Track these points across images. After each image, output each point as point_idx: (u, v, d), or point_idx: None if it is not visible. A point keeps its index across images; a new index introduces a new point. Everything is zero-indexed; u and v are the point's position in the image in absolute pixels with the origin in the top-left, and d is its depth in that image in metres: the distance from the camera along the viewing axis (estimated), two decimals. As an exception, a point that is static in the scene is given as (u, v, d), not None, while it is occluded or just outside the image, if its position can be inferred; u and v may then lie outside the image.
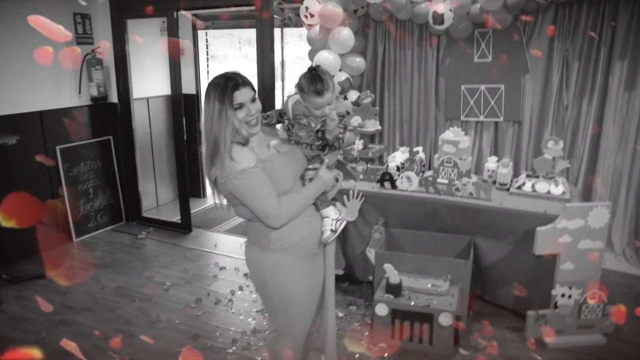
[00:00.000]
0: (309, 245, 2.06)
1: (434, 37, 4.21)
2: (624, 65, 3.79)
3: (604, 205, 2.88)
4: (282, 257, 1.99)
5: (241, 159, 1.84)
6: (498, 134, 4.24)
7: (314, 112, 1.97)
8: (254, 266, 2.07)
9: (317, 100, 1.92)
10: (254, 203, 1.87)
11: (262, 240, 2.00)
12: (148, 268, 4.21)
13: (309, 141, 2.03)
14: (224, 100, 1.81)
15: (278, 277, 2.00)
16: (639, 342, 3.08)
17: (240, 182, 1.83)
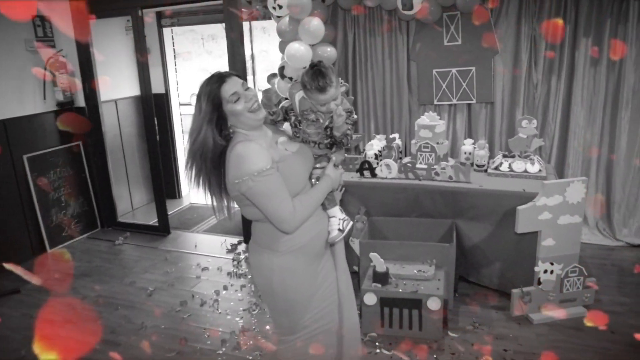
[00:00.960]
0: (317, 246, 1.99)
1: (403, 22, 4.21)
2: (588, 42, 3.87)
3: (580, 180, 2.94)
4: (290, 259, 1.91)
5: (257, 159, 1.73)
6: (471, 116, 4.29)
7: (318, 108, 1.92)
8: (261, 269, 1.97)
9: (320, 97, 1.86)
10: (268, 207, 1.78)
11: (270, 242, 1.91)
12: (129, 274, 4.13)
13: (317, 139, 1.96)
14: (213, 97, 1.75)
15: (286, 280, 1.92)
16: (617, 310, 3.17)
17: (256, 184, 1.73)
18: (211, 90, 1.75)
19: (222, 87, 1.75)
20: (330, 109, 1.90)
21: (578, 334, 2.94)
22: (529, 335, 2.96)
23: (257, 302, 3.53)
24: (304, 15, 3.80)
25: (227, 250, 4.49)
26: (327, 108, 1.90)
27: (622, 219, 4.12)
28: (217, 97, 1.75)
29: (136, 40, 4.56)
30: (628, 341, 2.85)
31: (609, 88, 3.93)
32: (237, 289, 3.75)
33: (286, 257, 1.91)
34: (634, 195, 4.05)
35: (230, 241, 4.65)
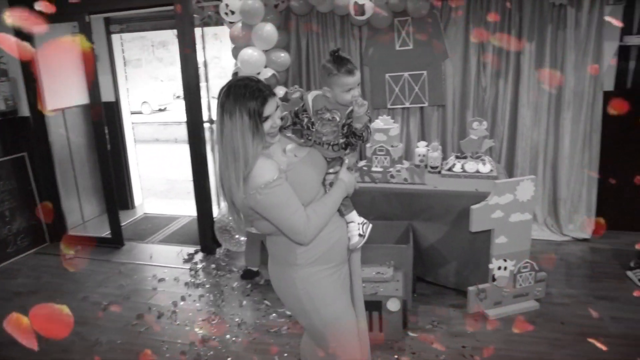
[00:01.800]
0: (338, 254, 1.90)
1: (355, 27, 4.26)
2: (532, 46, 4.03)
3: (530, 179, 3.05)
4: (312, 271, 1.83)
5: (263, 171, 1.68)
6: (424, 119, 4.38)
7: (343, 97, 1.85)
8: (283, 286, 1.88)
9: (349, 79, 1.82)
10: (280, 219, 1.72)
11: (287, 255, 1.83)
12: (81, 289, 3.98)
13: (332, 138, 1.90)
14: (254, 114, 1.66)
15: (312, 295, 1.83)
16: (566, 302, 3.31)
17: (263, 197, 1.67)
18: (256, 106, 1.66)
19: (264, 107, 1.68)
20: (354, 96, 1.84)
21: (531, 327, 3.04)
22: (485, 331, 3.04)
23: (216, 311, 3.47)
24: (257, 21, 3.80)
25: (184, 260, 4.40)
26: (352, 95, 1.84)
27: (567, 215, 4.30)
28: (261, 114, 1.67)
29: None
30: (577, 331, 2.98)
31: (552, 90, 4.10)
32: (195, 299, 3.68)
33: (307, 269, 1.83)
34: (577, 192, 4.24)
35: (187, 251, 4.56)
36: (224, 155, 1.70)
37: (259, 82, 1.72)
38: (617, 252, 3.98)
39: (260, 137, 1.68)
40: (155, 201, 6.58)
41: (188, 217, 5.47)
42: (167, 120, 14.28)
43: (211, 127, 4.75)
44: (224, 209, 4.26)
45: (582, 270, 3.76)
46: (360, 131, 1.87)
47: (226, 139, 1.68)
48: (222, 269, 4.15)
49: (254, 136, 1.66)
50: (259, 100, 1.67)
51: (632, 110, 4.03)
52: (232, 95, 1.68)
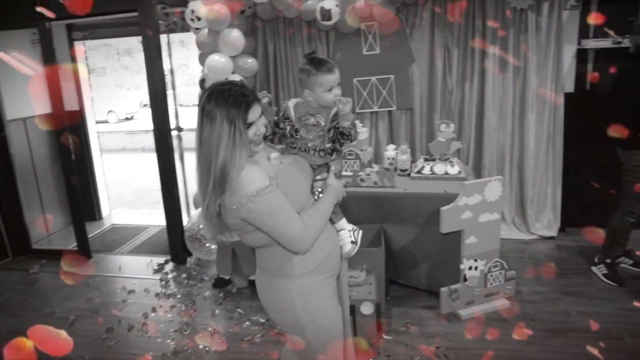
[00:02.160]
0: (333, 263, 1.85)
1: (322, 32, 4.28)
2: (495, 49, 4.11)
3: (497, 179, 3.11)
4: (308, 282, 1.76)
5: (253, 178, 1.59)
6: (393, 123, 4.43)
7: (325, 97, 1.83)
8: (278, 299, 1.78)
9: (330, 77, 1.81)
10: (276, 227, 1.63)
11: (282, 266, 1.74)
12: (46, 304, 3.85)
13: (319, 143, 1.87)
14: (237, 121, 1.57)
15: (309, 306, 1.76)
16: (536, 299, 3.38)
17: (257, 205, 1.58)
18: (240, 112, 1.58)
19: (248, 113, 1.60)
20: (336, 95, 1.84)
21: (502, 325, 3.09)
22: (458, 331, 3.07)
23: (188, 321, 3.41)
24: (223, 27, 3.77)
25: (154, 270, 4.32)
26: (334, 94, 1.84)
27: (534, 214, 4.40)
28: (245, 121, 1.59)
29: (44, 54, 4.30)
30: (547, 327, 3.04)
31: (516, 92, 4.20)
32: (166, 310, 3.61)
33: (303, 280, 1.75)
34: (543, 191, 4.34)
35: (157, 261, 4.48)
36: (200, 163, 1.62)
37: (243, 86, 1.66)
38: (582, 249, 4.09)
39: (244, 145, 1.59)
40: (123, 211, 6.45)
41: (157, 227, 5.37)
42: (134, 129, 14.04)
43: (179, 135, 4.69)
44: (194, 217, 4.20)
45: (550, 267, 3.85)
46: (348, 129, 1.86)
47: (203, 146, 1.59)
48: (193, 278, 4.09)
49: (236, 144, 1.57)
50: (243, 105, 1.59)
51: (591, 110, 4.20)
52: (213, 100, 1.58)
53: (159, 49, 4.07)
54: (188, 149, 5.03)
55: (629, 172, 3.31)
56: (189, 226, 4.25)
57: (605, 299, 3.32)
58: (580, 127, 4.24)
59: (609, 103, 3.96)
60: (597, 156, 4.21)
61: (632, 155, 3.26)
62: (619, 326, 3.00)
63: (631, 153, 3.26)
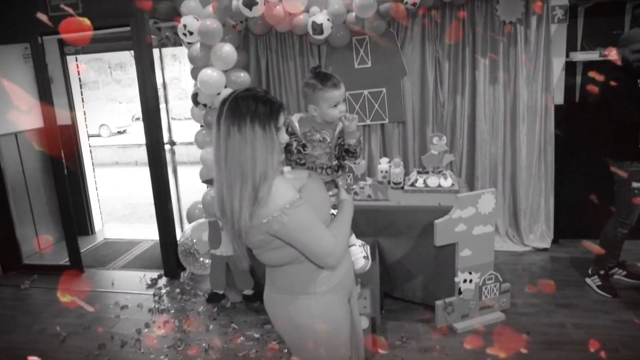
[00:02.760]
0: (349, 279, 1.81)
1: (314, 46, 4.30)
2: (486, 62, 4.15)
3: (490, 191, 3.12)
4: (330, 300, 1.70)
5: (284, 191, 1.53)
6: (385, 136, 4.44)
7: (330, 113, 1.82)
8: (298, 317, 1.69)
9: (335, 93, 1.81)
10: (309, 241, 1.56)
11: (305, 285, 1.67)
12: (37, 320, 3.81)
13: (326, 160, 1.85)
14: (269, 125, 1.51)
15: (329, 323, 1.70)
16: (531, 312, 3.38)
17: (290, 218, 1.51)
18: (272, 116, 1.53)
19: (279, 116, 1.56)
20: (341, 111, 1.83)
21: (498, 338, 3.08)
22: (454, 345, 3.06)
23: (182, 337, 3.38)
24: (215, 42, 3.78)
25: (147, 285, 4.29)
26: (339, 110, 1.83)
27: (528, 226, 4.41)
28: (277, 126, 1.55)
29: (37, 69, 4.30)
30: (542, 339, 3.03)
31: (507, 104, 4.23)
32: (159, 326, 3.57)
33: (326, 297, 1.69)
34: (536, 202, 4.36)
35: (150, 276, 4.45)
36: (228, 175, 1.51)
37: (267, 93, 1.61)
38: (575, 261, 4.10)
39: (277, 150, 1.54)
40: (116, 226, 6.41)
41: (150, 241, 5.34)
42: (126, 143, 14.00)
43: (172, 148, 4.69)
44: (188, 231, 4.18)
45: (544, 279, 3.85)
46: (354, 147, 1.86)
47: (231, 155, 1.50)
48: (187, 293, 4.06)
49: (269, 148, 1.51)
50: (274, 109, 1.55)
51: (581, 121, 4.24)
52: (240, 107, 1.52)
53: (152, 63, 4.08)
54: (181, 162, 5.04)
55: (621, 183, 3.33)
56: (182, 240, 4.22)
57: (600, 310, 3.33)
58: (571, 138, 4.28)
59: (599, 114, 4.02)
60: (588, 167, 4.25)
61: (623, 167, 3.28)
62: (614, 338, 3.01)
63: (622, 164, 3.29)
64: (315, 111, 1.87)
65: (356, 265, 1.88)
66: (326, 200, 1.76)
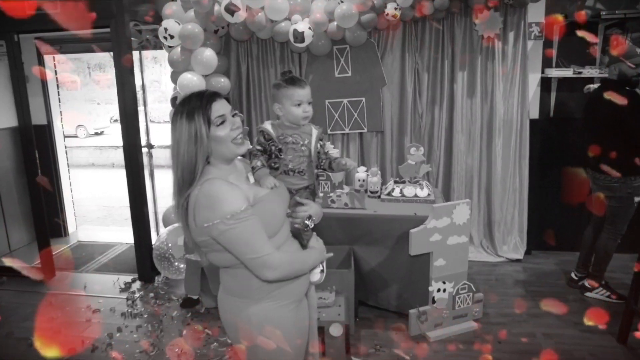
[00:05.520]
0: (298, 290, 1.76)
1: (295, 54, 4.32)
2: (464, 75, 4.23)
3: (465, 202, 3.17)
4: (270, 306, 1.67)
5: (231, 199, 1.53)
6: (364, 145, 4.48)
7: (294, 112, 1.88)
8: (237, 320, 1.69)
9: (300, 91, 1.87)
10: (245, 252, 1.56)
11: (244, 289, 1.66)
12: (4, 324, 3.70)
13: (297, 164, 1.88)
14: (197, 116, 1.53)
15: (268, 331, 1.67)
16: (503, 321, 3.43)
17: (229, 229, 1.51)
18: (201, 107, 1.55)
19: (212, 105, 1.56)
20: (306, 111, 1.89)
21: (469, 347, 3.12)
22: (426, 353, 3.09)
23: (154, 342, 3.34)
24: (196, 46, 3.78)
25: (121, 289, 4.23)
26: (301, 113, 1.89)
27: (501, 237, 4.49)
28: (206, 116, 1.54)
29: (12, 67, 4.23)
30: (513, 349, 3.08)
31: (484, 118, 4.31)
32: (132, 330, 3.53)
33: (264, 304, 1.67)
34: (510, 214, 4.44)
35: (124, 279, 4.39)
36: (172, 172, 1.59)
37: (207, 89, 1.63)
38: (547, 272, 4.18)
39: (203, 141, 1.54)
40: (90, 228, 6.31)
41: (125, 245, 5.27)
42: (103, 145, 13.81)
43: (149, 152, 4.65)
44: (163, 235, 4.15)
45: (517, 290, 3.92)
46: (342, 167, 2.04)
47: (171, 151, 1.57)
48: (161, 298, 4.02)
49: (193, 139, 1.53)
50: (204, 99, 1.56)
51: (555, 135, 4.35)
52: (177, 106, 1.59)
53: (131, 65, 4.04)
54: (158, 166, 4.99)
55: (621, 199, 3.44)
56: (157, 244, 4.18)
57: (569, 321, 3.39)
58: (545, 152, 4.38)
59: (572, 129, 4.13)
60: (561, 180, 4.35)
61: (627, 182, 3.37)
62: (581, 347, 3.07)
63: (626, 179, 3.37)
64: (280, 110, 1.92)
65: (312, 278, 1.84)
66: (280, 216, 1.73)
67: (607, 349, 3.06)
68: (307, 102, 1.92)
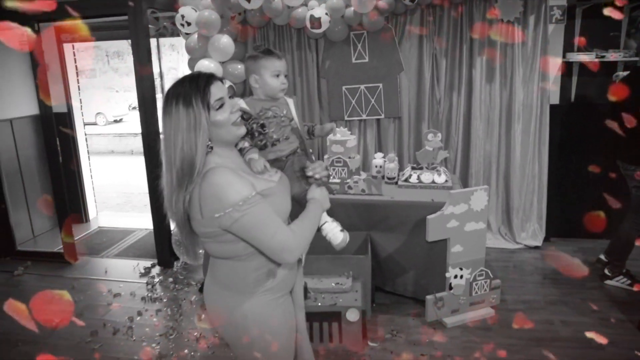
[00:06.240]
0: (290, 280, 1.73)
1: (312, 40, 4.30)
2: (483, 60, 4.17)
3: (483, 189, 3.14)
4: (264, 300, 1.63)
5: (239, 187, 1.46)
6: (381, 131, 4.46)
7: (271, 83, 1.89)
8: (230, 314, 1.64)
9: (276, 62, 1.89)
10: (263, 237, 1.49)
11: (240, 282, 1.61)
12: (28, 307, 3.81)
13: (280, 134, 1.82)
14: (194, 101, 1.44)
15: (263, 325, 1.63)
16: (520, 308, 3.42)
17: (243, 215, 1.45)
18: (199, 91, 1.45)
19: (210, 89, 1.47)
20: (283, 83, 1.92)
21: (487, 334, 3.12)
22: (443, 339, 3.09)
23: (174, 325, 3.40)
24: (213, 33, 3.78)
25: (140, 274, 4.30)
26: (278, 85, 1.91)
27: (520, 224, 4.45)
28: (205, 101, 1.46)
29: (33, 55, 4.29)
30: (531, 336, 3.07)
31: (503, 103, 4.26)
32: (152, 314, 3.59)
33: (259, 297, 1.63)
34: (529, 201, 4.39)
35: (144, 264, 4.46)
36: (165, 163, 1.52)
37: (200, 72, 1.53)
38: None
39: (203, 128, 1.46)
40: (110, 214, 6.42)
41: (145, 230, 5.35)
42: (122, 132, 13.97)
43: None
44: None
45: (535, 277, 3.89)
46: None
47: (164, 143, 1.49)
48: (180, 283, 4.08)
49: (192, 127, 1.44)
50: (201, 82, 1.47)
51: (576, 121, 4.28)
52: (169, 93, 1.49)
53: (149, 52, 4.07)
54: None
55: None
56: (176, 230, 4.23)
57: (588, 308, 3.36)
58: (566, 138, 4.31)
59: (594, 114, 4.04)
60: (582, 167, 4.29)
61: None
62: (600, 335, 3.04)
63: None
64: (257, 82, 1.90)
65: (335, 241, 1.81)
66: (287, 205, 1.70)
67: (626, 337, 3.03)
68: (284, 74, 1.93)
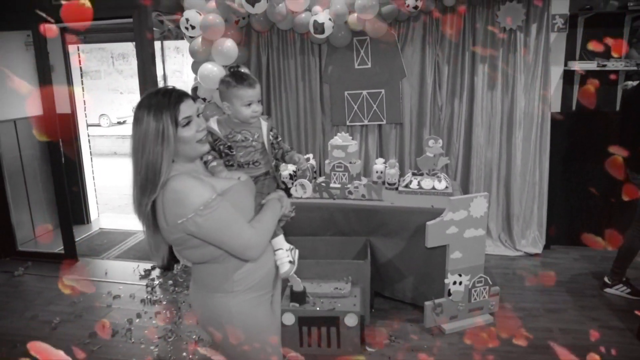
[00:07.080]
0: (271, 279, 1.79)
1: (315, 45, 4.33)
2: (485, 67, 4.18)
3: (482, 195, 3.15)
4: (247, 299, 1.68)
5: (199, 191, 1.51)
6: (382, 137, 4.47)
7: (243, 112, 1.84)
8: (215, 316, 1.69)
9: (249, 91, 1.82)
10: (227, 238, 1.56)
11: (222, 283, 1.66)
12: (30, 307, 3.83)
13: (249, 158, 1.85)
14: (164, 113, 1.50)
15: (247, 323, 1.68)
16: (520, 316, 3.41)
17: (205, 219, 1.50)
18: (169, 106, 1.51)
19: (179, 106, 1.53)
20: (255, 112, 1.85)
21: (485, 340, 3.11)
22: (441, 345, 3.10)
23: (172, 328, 3.41)
24: (217, 37, 3.81)
25: (140, 276, 4.31)
26: (252, 110, 1.85)
27: (520, 231, 4.45)
28: (174, 116, 1.51)
29: (37, 56, 4.31)
30: (530, 344, 3.06)
31: (504, 111, 4.27)
32: (151, 317, 3.60)
33: (242, 296, 1.68)
34: (529, 208, 4.40)
35: (144, 267, 4.47)
36: (132, 169, 1.57)
37: (175, 88, 1.59)
38: (566, 267, 4.14)
39: (170, 142, 1.51)
40: (111, 216, 6.43)
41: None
42: (126, 134, 14.00)
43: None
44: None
45: (534, 284, 3.89)
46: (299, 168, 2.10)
47: (132, 148, 1.55)
48: (179, 285, 4.09)
49: (160, 139, 1.50)
50: (172, 99, 1.52)
51: (577, 129, 4.28)
52: (142, 102, 1.54)
53: (153, 55, 4.09)
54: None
55: None
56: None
57: (587, 316, 3.36)
58: (566, 146, 4.32)
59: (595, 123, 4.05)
60: (582, 175, 4.30)
61: None
62: (599, 344, 3.04)
63: None
64: (229, 109, 1.87)
65: (281, 269, 1.84)
66: (249, 206, 1.73)
67: (625, 345, 3.03)
68: (257, 101, 1.88)
